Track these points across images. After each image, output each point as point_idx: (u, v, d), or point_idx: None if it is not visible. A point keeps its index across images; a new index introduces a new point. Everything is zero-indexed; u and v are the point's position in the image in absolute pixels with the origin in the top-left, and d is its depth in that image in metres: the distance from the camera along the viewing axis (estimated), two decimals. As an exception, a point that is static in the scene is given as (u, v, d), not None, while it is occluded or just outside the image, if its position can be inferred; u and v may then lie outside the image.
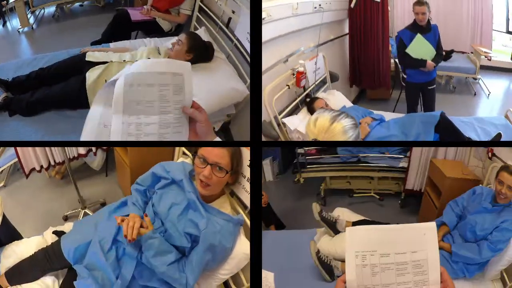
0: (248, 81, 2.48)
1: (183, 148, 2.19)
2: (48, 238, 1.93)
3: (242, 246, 1.62)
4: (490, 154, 2.53)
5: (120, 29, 3.25)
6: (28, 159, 2.65)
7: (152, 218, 1.56)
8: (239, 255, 1.61)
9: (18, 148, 2.55)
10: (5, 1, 3.63)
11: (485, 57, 4.63)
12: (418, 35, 2.98)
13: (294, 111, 2.77)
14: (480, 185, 2.42)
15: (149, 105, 1.08)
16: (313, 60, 2.92)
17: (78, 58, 2.39)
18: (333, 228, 2.16)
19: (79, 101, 2.19)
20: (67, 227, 1.99)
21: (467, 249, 1.96)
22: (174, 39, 2.56)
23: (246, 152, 1.69)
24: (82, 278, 1.56)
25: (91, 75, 2.20)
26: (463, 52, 4.78)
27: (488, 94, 4.51)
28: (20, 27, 3.70)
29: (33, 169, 2.71)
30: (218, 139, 1.16)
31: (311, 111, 2.72)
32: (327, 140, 1.41)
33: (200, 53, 2.51)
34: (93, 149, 2.90)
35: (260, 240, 1.70)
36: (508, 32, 5.10)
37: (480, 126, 2.64)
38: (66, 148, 2.63)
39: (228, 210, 1.66)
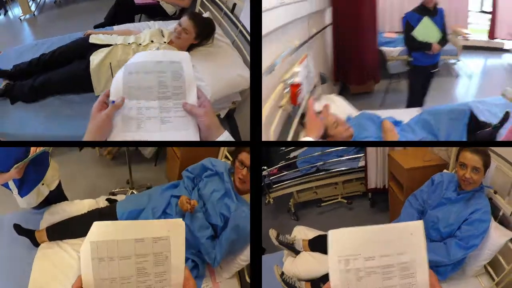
0: (254, 67, 2.41)
1: (226, 152, 2.50)
2: (101, 203, 2.17)
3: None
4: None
5: (124, 12, 3.20)
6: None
7: (197, 199, 1.91)
8: None
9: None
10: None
11: (463, 37, 4.53)
12: (426, 18, 2.94)
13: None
14: (444, 170, 2.18)
15: (148, 90, 1.09)
16: (303, 63, 2.27)
17: (82, 41, 2.33)
18: (293, 249, 2.09)
19: (83, 85, 2.15)
20: (119, 198, 2.21)
21: (433, 251, 1.66)
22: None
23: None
24: None
25: (95, 58, 2.15)
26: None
27: (470, 75, 4.42)
28: (22, 14, 3.65)
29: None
30: (226, 133, 1.13)
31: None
32: None
33: (206, 34, 2.46)
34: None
35: (260, 240, 1.83)
36: (482, 11, 5.02)
37: (485, 108, 2.39)
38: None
39: None
